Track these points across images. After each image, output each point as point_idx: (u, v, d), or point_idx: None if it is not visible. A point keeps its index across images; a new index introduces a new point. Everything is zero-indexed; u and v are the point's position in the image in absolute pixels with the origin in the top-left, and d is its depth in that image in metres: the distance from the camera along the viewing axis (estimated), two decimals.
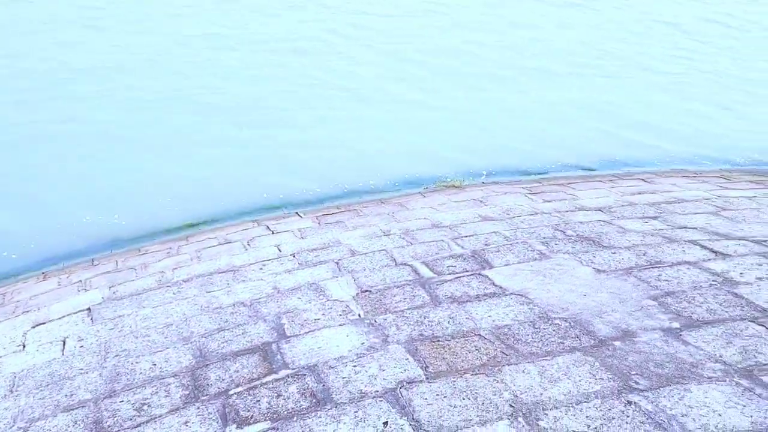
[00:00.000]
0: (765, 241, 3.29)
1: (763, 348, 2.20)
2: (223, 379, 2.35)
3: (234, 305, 3.04)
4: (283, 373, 2.33)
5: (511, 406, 1.98)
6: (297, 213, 4.80)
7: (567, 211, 4.13)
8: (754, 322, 2.39)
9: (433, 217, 4.26)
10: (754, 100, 8.10)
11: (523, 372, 2.16)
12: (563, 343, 2.34)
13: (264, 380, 2.30)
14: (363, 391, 2.14)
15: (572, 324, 2.48)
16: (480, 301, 2.77)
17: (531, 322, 2.53)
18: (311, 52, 9.38)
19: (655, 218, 3.84)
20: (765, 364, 2.10)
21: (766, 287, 2.69)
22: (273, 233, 4.26)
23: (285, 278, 3.30)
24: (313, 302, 2.94)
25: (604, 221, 3.82)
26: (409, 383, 2.16)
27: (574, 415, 1.90)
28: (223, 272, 3.55)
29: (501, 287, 2.90)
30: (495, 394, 2.04)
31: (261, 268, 3.52)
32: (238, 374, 2.38)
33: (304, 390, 2.20)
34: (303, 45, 9.70)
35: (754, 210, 3.96)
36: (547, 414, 1.92)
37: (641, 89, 8.20)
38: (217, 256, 3.90)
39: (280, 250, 3.82)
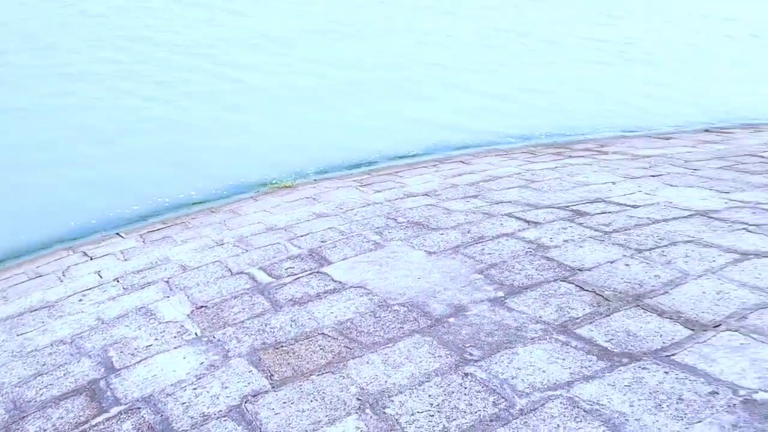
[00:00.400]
0: (568, 206, 3.67)
1: (575, 304, 2.44)
2: (45, 430, 2.10)
3: (52, 345, 2.73)
4: (114, 410, 2.14)
5: (358, 399, 1.99)
6: (118, 234, 4.43)
7: (397, 199, 4.27)
8: (564, 281, 2.65)
9: (267, 220, 4.17)
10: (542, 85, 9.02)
11: (368, 363, 2.19)
12: (403, 327, 2.41)
13: (93, 422, 2.09)
14: (205, 413, 2.03)
15: (410, 308, 2.56)
16: (321, 299, 2.76)
17: (372, 312, 2.57)
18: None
19: (475, 197, 4.10)
20: (577, 318, 2.33)
21: (572, 248, 3.00)
22: (91, 259, 3.90)
23: (109, 306, 3.04)
24: (143, 328, 2.73)
25: (431, 205, 4.00)
26: (254, 396, 2.09)
27: (418, 397, 1.96)
28: (36, 310, 3.17)
29: (340, 282, 2.91)
30: (342, 391, 2.05)
31: (81, 300, 3.20)
32: (63, 420, 2.14)
33: (140, 424, 2.03)
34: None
35: (557, 179, 4.40)
36: (392, 401, 1.96)
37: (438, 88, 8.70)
38: (26, 292, 3.48)
39: (101, 277, 3.50)
